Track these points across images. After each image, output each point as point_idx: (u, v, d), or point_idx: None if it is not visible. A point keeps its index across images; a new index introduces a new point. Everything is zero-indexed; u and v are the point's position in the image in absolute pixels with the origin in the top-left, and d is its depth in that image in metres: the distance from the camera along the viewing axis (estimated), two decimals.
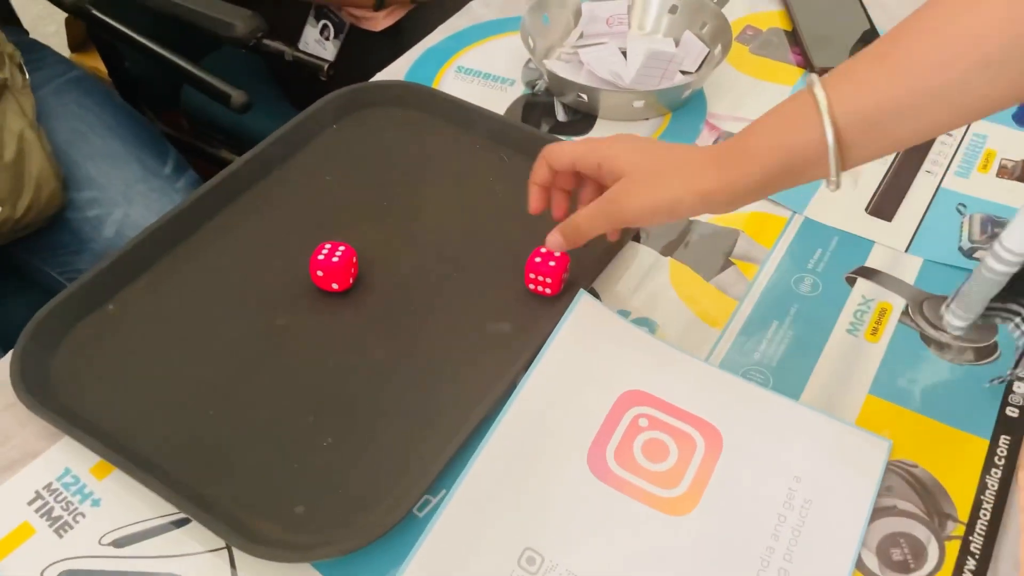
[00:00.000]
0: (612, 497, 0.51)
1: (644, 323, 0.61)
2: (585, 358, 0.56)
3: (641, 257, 0.65)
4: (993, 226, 0.67)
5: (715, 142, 0.74)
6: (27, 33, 1.17)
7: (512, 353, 0.56)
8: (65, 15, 1.56)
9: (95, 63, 1.34)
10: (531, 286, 0.61)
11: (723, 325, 0.61)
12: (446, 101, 0.76)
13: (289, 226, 0.67)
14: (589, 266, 0.62)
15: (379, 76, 0.81)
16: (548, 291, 0.60)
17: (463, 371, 0.57)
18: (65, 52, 1.23)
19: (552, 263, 0.60)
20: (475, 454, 0.51)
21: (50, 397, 0.55)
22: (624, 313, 0.61)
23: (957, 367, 0.58)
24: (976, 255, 0.65)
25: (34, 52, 1.08)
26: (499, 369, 0.55)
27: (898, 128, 0.45)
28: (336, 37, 1.11)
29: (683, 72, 0.80)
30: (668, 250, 0.66)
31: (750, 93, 0.80)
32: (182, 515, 0.50)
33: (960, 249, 0.66)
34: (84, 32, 1.48)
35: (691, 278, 0.64)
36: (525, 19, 0.80)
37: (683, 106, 0.78)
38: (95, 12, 1.06)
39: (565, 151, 0.55)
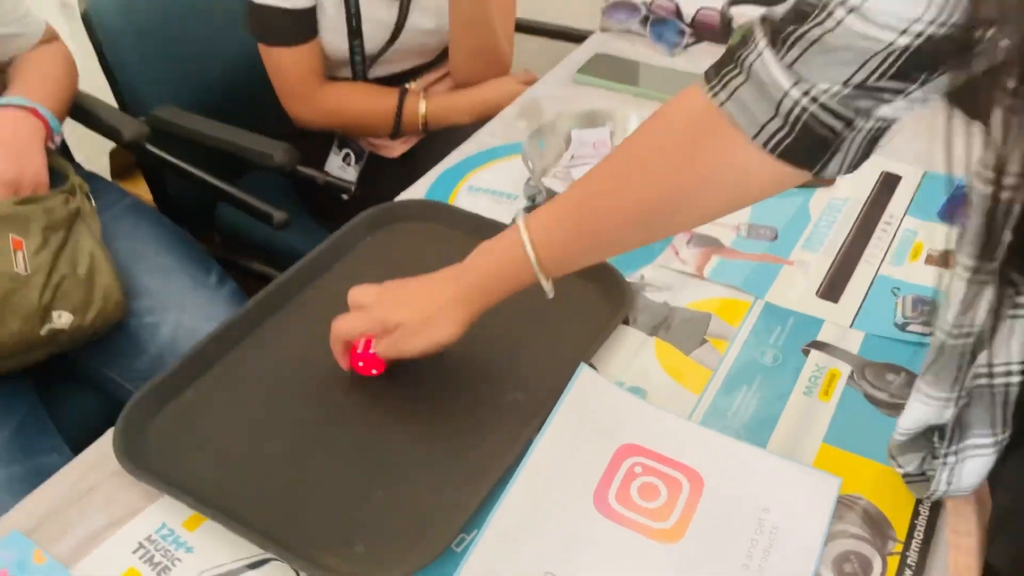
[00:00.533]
0: (614, 529, 0.62)
1: (636, 391, 0.73)
2: (588, 418, 0.68)
3: (631, 337, 0.78)
4: (923, 305, 0.81)
5: (688, 242, 0.89)
6: (81, 166, 1.33)
7: (526, 416, 0.68)
8: (107, 147, 1.75)
9: (137, 188, 1.50)
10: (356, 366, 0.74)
11: (701, 390, 0.73)
12: (461, 214, 0.90)
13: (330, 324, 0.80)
14: (588, 345, 0.75)
15: (403, 195, 0.96)
16: (375, 372, 0.74)
17: (488, 432, 0.69)
18: (108, 179, 1.39)
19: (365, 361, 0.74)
20: (500, 498, 0.63)
21: (146, 465, 0.67)
22: (619, 383, 0.74)
23: (893, 419, 0.70)
24: (908, 328, 0.78)
25: (93, 183, 1.23)
26: (516, 430, 0.67)
27: (582, 259, 0.67)
28: (357, 163, 1.28)
29: None
30: (653, 331, 0.79)
31: None
32: (263, 556, 0.61)
33: (895, 324, 0.79)
34: (126, 162, 1.65)
35: (673, 353, 0.77)
36: (525, 145, 0.95)
37: None
38: (149, 147, 1.23)
39: (355, 328, 0.71)
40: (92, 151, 1.43)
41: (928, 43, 0.47)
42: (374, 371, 0.74)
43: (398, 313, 0.69)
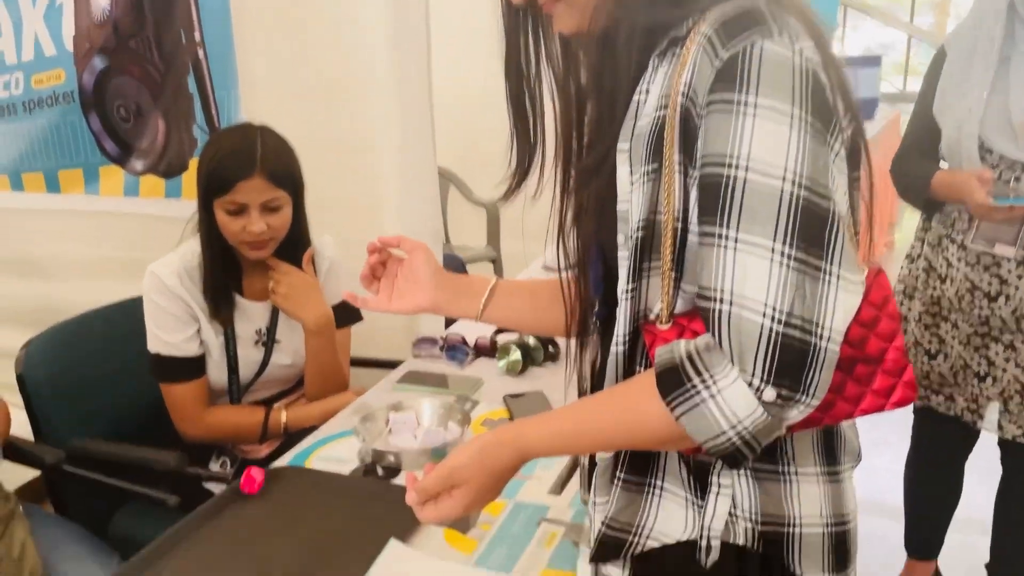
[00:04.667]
0: None
1: (432, 556, 1.12)
2: (397, 570, 1.06)
3: (429, 533, 1.18)
4: None
5: None
6: None
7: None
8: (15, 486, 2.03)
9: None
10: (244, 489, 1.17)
11: (471, 552, 1.13)
12: (313, 472, 1.32)
13: (215, 555, 1.16)
14: (399, 537, 1.15)
15: (270, 467, 1.37)
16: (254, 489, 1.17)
17: None
18: None
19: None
20: None
21: None
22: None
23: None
24: None
25: (12, 502, 1.55)
26: None
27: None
28: (232, 466, 1.67)
29: (448, 442, 1.41)
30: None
31: None
32: None
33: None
34: (31, 495, 1.93)
35: (456, 535, 1.17)
36: (357, 425, 1.41)
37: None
38: (67, 467, 1.58)
39: (429, 488, 0.87)
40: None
41: None
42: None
43: (468, 476, 0.85)
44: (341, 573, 1.08)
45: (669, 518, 0.86)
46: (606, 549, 0.88)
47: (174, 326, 1.57)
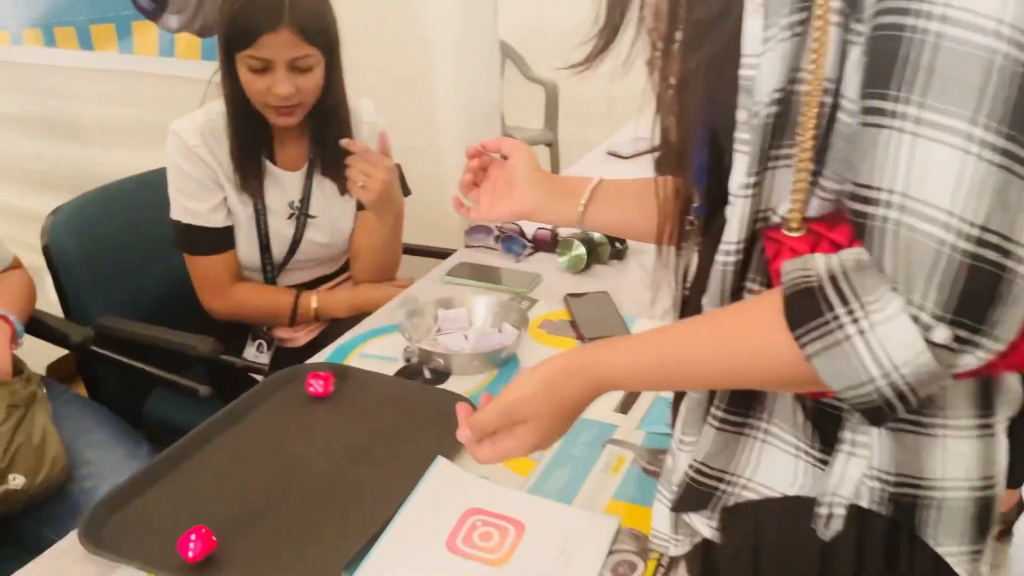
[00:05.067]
0: (460, 562, 0.86)
1: (484, 478, 1.00)
2: (442, 491, 0.94)
3: None
4: None
5: None
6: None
7: (397, 490, 0.94)
8: (47, 363, 1.97)
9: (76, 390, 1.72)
10: (311, 391, 1.09)
11: (528, 474, 1.00)
12: (355, 370, 1.19)
13: (255, 449, 1.05)
14: (446, 452, 1.02)
15: (307, 362, 1.25)
16: (322, 391, 1.10)
17: (369, 505, 0.93)
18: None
19: (322, 374, 1.08)
20: (375, 546, 0.86)
21: (104, 546, 0.88)
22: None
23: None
24: None
25: (34, 384, 1.46)
26: (389, 503, 0.92)
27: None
28: (268, 350, 1.55)
29: (504, 345, 1.27)
30: None
31: (546, 354, 1.26)
32: None
33: (667, 424, 1.09)
34: (63, 372, 1.87)
35: None
36: (402, 320, 1.27)
37: (504, 364, 1.24)
38: (94, 348, 1.48)
39: (486, 424, 0.74)
40: (34, 365, 1.66)
41: None
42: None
43: (532, 408, 0.72)
44: (382, 487, 0.97)
45: (772, 467, 0.70)
46: (692, 497, 0.73)
47: (198, 192, 1.43)
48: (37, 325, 1.52)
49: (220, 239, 1.47)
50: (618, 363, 0.69)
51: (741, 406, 0.70)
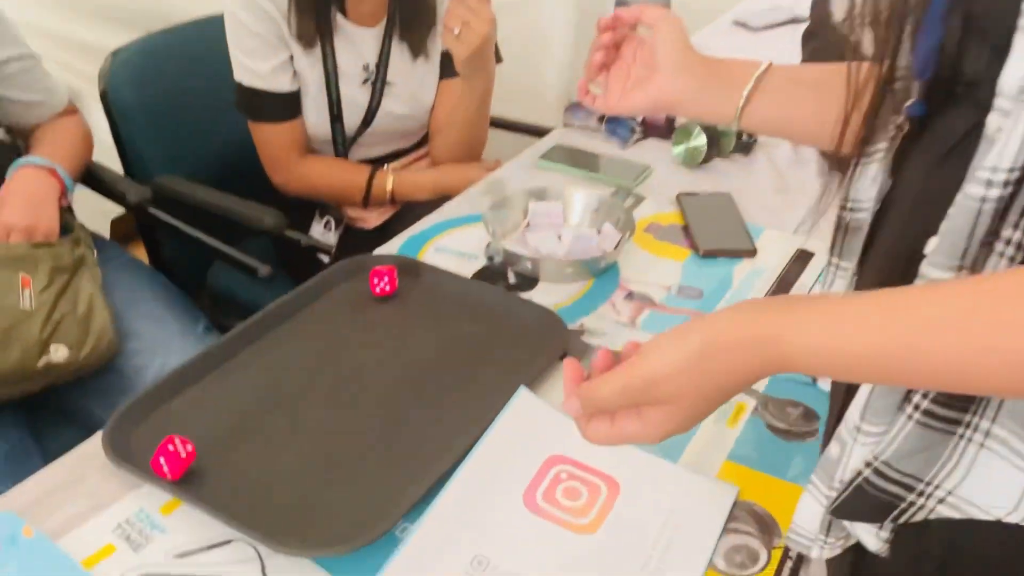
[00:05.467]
0: (539, 523, 0.71)
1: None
2: (523, 430, 0.78)
3: None
4: None
5: (625, 298, 1.01)
6: (85, 227, 1.45)
7: (470, 426, 0.78)
8: (110, 218, 1.87)
9: (136, 253, 1.62)
10: (376, 291, 0.95)
11: None
12: (427, 267, 1.02)
13: (305, 350, 0.91)
14: (529, 374, 0.86)
15: (375, 252, 1.08)
16: (388, 289, 0.96)
17: (434, 437, 0.78)
18: None
19: (386, 271, 0.95)
20: (439, 495, 0.72)
21: (129, 457, 0.75)
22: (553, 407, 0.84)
23: (784, 443, 0.80)
24: None
25: (95, 241, 1.35)
26: (460, 436, 0.77)
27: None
28: (336, 229, 1.40)
29: (603, 250, 1.08)
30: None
31: (652, 265, 1.07)
32: (226, 538, 0.70)
33: None
34: (127, 231, 1.77)
35: None
36: (487, 213, 1.09)
37: (602, 273, 1.05)
38: (151, 210, 1.35)
39: (606, 402, 0.55)
40: (95, 218, 1.56)
41: None
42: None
43: (674, 387, 0.53)
44: (450, 417, 0.82)
45: (988, 481, 0.51)
46: (863, 504, 0.54)
47: (260, 50, 1.24)
48: (93, 178, 1.39)
49: (285, 105, 1.29)
50: (811, 345, 0.48)
51: (958, 397, 0.50)
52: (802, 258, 1.09)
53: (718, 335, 0.51)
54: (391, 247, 1.11)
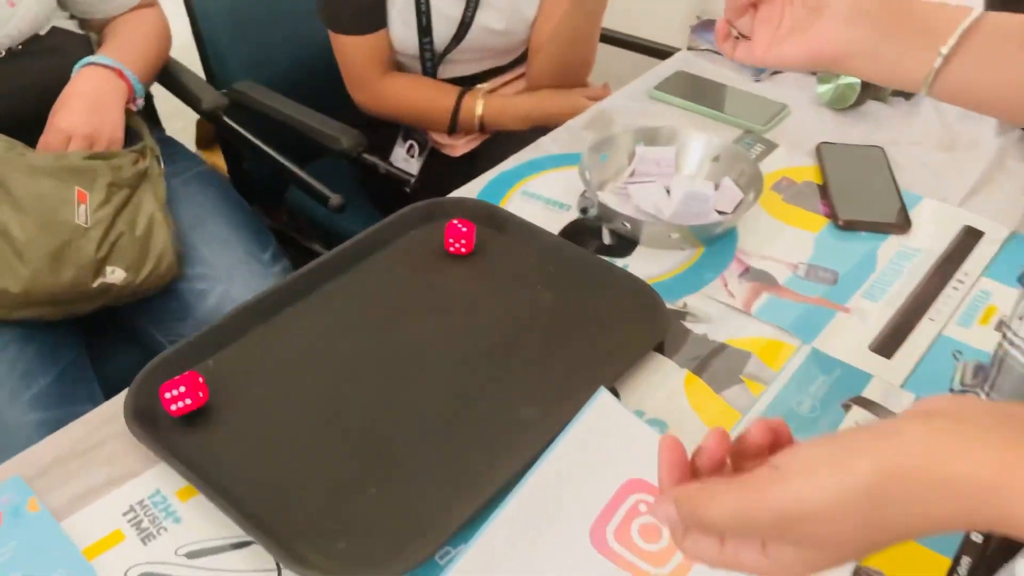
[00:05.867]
0: (607, 568, 0.58)
1: (656, 423, 0.69)
2: (599, 445, 0.65)
3: (661, 366, 0.75)
4: (985, 372, 0.74)
5: (741, 275, 0.84)
6: (164, 130, 1.37)
7: (535, 433, 0.66)
8: (197, 116, 1.79)
9: (216, 159, 1.54)
10: (450, 249, 0.83)
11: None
12: (509, 218, 0.88)
13: (359, 313, 0.79)
14: (614, 368, 0.72)
15: (455, 193, 0.95)
16: (464, 250, 0.83)
17: (492, 444, 0.66)
18: (191, 147, 1.43)
19: (464, 228, 0.83)
20: (493, 515, 0.60)
21: (152, 429, 0.67)
22: (639, 413, 0.70)
23: None
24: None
25: (170, 147, 1.26)
26: (522, 446, 0.65)
27: None
28: (420, 155, 1.27)
29: (719, 212, 0.91)
30: (686, 363, 0.75)
31: (778, 235, 0.90)
32: (248, 538, 0.60)
33: (951, 390, 0.73)
34: (211, 133, 1.69)
35: (703, 389, 0.73)
36: (585, 156, 0.93)
37: (716, 241, 0.88)
38: (225, 119, 1.25)
39: (716, 524, 0.40)
40: (181, 118, 1.48)
41: None
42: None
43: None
44: (514, 416, 0.69)
45: None
46: None
47: None
48: (169, 78, 1.30)
49: (369, 15, 1.14)
50: None
51: None
52: (969, 238, 0.89)
53: (901, 465, 0.35)
54: (473, 188, 0.97)
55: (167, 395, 0.67)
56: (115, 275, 1.02)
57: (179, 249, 1.09)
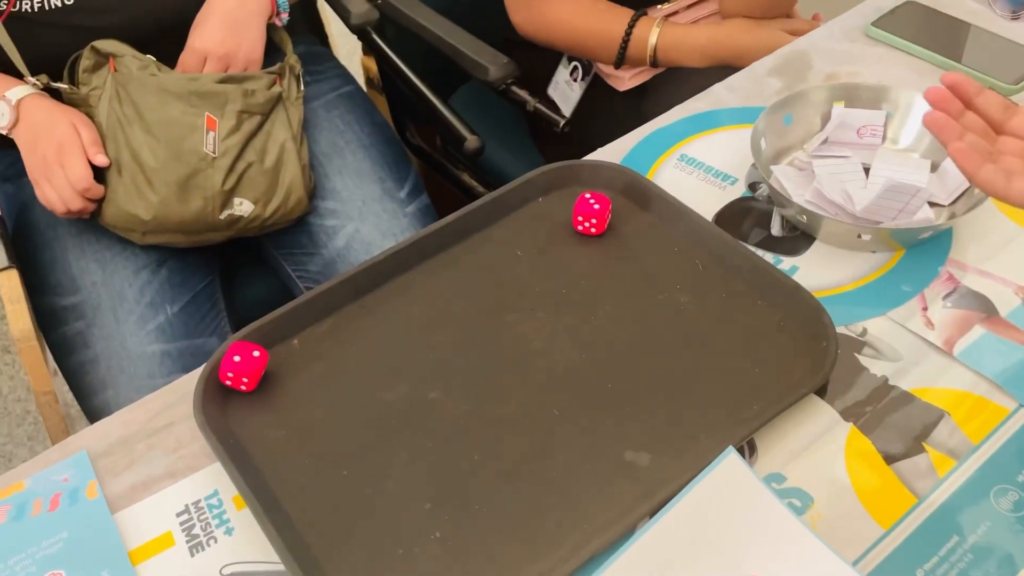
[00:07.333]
0: None
1: (797, 494, 0.55)
2: (718, 522, 0.52)
3: (817, 415, 0.59)
4: None
5: (947, 297, 0.65)
6: (319, 43, 1.29)
7: (643, 489, 0.54)
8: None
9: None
10: (579, 228, 0.71)
11: (890, 524, 0.53)
12: (654, 193, 0.73)
13: (461, 300, 0.68)
14: (755, 415, 0.57)
15: (600, 152, 0.80)
16: (594, 231, 0.70)
17: (589, 495, 0.55)
18: (357, 55, 1.34)
19: (597, 206, 0.69)
20: None
21: (222, 420, 0.61)
22: (777, 477, 0.56)
23: None
24: None
25: (319, 63, 1.18)
26: (626, 503, 0.53)
27: None
28: (583, 79, 1.11)
29: (932, 204, 0.70)
30: (851, 414, 0.59)
31: (1011, 244, 0.68)
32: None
33: None
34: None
35: (869, 455, 0.56)
36: (762, 118, 0.74)
37: (921, 244, 0.69)
38: (373, 35, 1.15)
39: None
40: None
41: None
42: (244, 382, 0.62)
43: None
44: (629, 455, 0.57)
45: None
46: None
47: None
48: None
49: None
50: None
51: None
52: None
53: None
54: (620, 145, 0.81)
55: (228, 375, 0.61)
56: (242, 207, 0.97)
57: (311, 179, 1.03)
